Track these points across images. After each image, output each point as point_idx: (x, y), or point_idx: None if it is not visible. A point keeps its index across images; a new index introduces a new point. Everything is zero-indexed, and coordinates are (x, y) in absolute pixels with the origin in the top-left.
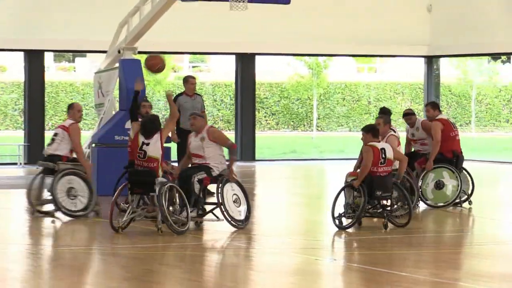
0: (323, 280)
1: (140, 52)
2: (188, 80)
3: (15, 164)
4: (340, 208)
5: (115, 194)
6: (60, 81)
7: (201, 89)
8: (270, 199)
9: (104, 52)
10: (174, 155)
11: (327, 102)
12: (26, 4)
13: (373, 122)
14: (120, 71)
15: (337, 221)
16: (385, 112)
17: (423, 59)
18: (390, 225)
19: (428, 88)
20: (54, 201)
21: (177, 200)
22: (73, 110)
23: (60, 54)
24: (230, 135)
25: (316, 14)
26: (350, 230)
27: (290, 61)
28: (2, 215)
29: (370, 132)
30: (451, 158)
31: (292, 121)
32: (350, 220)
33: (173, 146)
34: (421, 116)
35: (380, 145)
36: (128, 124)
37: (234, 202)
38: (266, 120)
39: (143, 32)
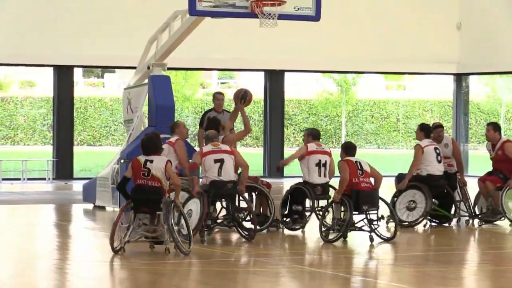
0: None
1: (169, 68)
2: (216, 97)
3: (44, 179)
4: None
5: (118, 215)
6: (89, 97)
7: (230, 106)
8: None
9: (133, 68)
10: None
11: (355, 119)
12: (55, 20)
13: (401, 139)
14: (150, 87)
15: (324, 235)
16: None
17: (452, 76)
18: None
19: (457, 105)
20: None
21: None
22: (179, 128)
23: (89, 69)
24: (259, 151)
25: (345, 31)
26: (336, 243)
27: (319, 78)
28: (30, 231)
29: (344, 149)
30: None
31: (321, 138)
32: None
33: None
34: (449, 133)
35: (354, 158)
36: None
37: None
38: (295, 137)
39: (172, 48)
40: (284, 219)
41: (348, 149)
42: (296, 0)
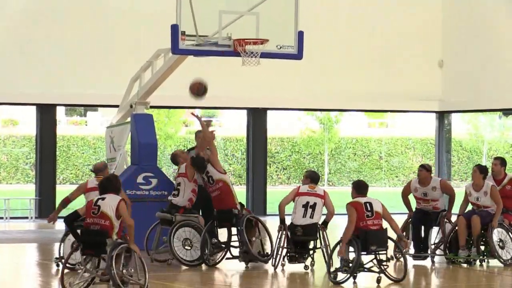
0: None
1: (152, 107)
2: (198, 135)
3: (26, 218)
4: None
5: (67, 255)
6: (71, 135)
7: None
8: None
9: (116, 106)
10: None
11: (338, 157)
12: (38, 59)
13: (383, 176)
14: (132, 126)
15: (332, 276)
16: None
17: (434, 114)
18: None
19: (439, 143)
20: (171, 250)
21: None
22: (180, 157)
23: (71, 108)
24: (241, 189)
25: (328, 70)
26: (344, 285)
27: (301, 116)
28: (12, 270)
29: (355, 188)
30: None
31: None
32: (344, 275)
33: None
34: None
35: (364, 199)
36: (139, 179)
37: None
38: (278, 175)
39: (155, 87)
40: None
41: (359, 188)
42: (279, 39)
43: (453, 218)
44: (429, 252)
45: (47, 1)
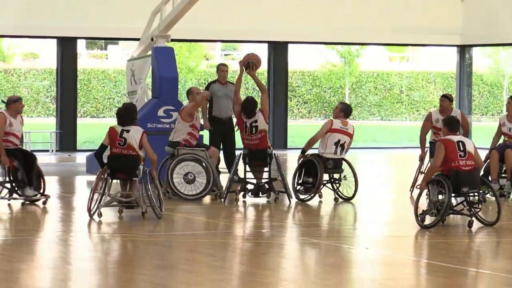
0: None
1: (173, 40)
2: (220, 68)
3: (47, 151)
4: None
5: (95, 183)
6: (92, 69)
7: (233, 77)
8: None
9: (137, 39)
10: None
11: (359, 91)
12: None
13: (404, 110)
14: (153, 59)
15: (419, 219)
16: None
17: (455, 48)
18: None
19: (460, 77)
20: (169, 185)
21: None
22: (192, 94)
23: (92, 41)
24: None
25: (349, 3)
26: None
27: (322, 50)
28: (34, 203)
29: (446, 125)
30: None
31: (324, 110)
32: (433, 218)
33: (206, 134)
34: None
35: (457, 138)
36: (160, 112)
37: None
38: (298, 109)
39: (176, 20)
40: (297, 187)
41: (451, 124)
42: None
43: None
44: None
45: None
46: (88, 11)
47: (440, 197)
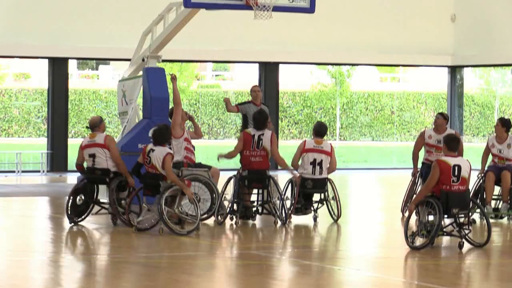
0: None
1: (164, 61)
2: (253, 89)
3: (38, 171)
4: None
5: (129, 198)
6: (83, 89)
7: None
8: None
9: (128, 60)
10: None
11: (350, 111)
12: (50, 12)
13: (395, 131)
14: (144, 80)
15: (410, 241)
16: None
17: (446, 69)
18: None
19: (451, 98)
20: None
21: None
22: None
23: (83, 61)
24: None
25: (340, 23)
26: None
27: (313, 70)
28: (24, 223)
29: (446, 143)
30: None
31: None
32: (424, 240)
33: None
34: None
35: (454, 161)
36: (151, 133)
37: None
38: (289, 129)
39: (167, 40)
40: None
41: (450, 142)
42: None
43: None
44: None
45: None
46: (79, 31)
47: (430, 218)
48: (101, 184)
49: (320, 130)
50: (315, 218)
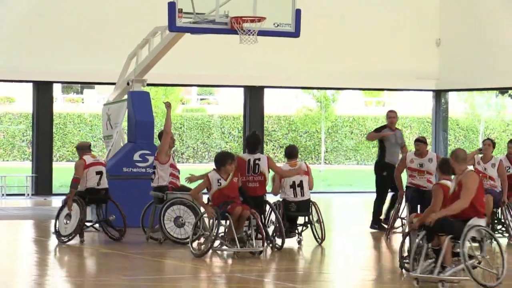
0: None
1: (149, 84)
2: (388, 115)
3: (23, 195)
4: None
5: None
6: (68, 113)
7: (209, 121)
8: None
9: (113, 84)
10: None
11: (335, 135)
12: (34, 35)
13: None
14: (129, 103)
15: (403, 262)
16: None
17: (431, 93)
18: None
19: (436, 122)
20: (161, 230)
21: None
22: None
23: (68, 85)
24: None
25: (325, 47)
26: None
27: (298, 94)
28: (9, 247)
29: (439, 168)
30: None
31: (300, 154)
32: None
33: None
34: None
35: (451, 184)
36: (136, 156)
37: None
38: (274, 153)
39: (152, 64)
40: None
41: (442, 165)
42: (276, 17)
43: None
44: None
45: None
46: (64, 55)
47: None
48: (102, 203)
49: (292, 152)
50: (299, 241)
